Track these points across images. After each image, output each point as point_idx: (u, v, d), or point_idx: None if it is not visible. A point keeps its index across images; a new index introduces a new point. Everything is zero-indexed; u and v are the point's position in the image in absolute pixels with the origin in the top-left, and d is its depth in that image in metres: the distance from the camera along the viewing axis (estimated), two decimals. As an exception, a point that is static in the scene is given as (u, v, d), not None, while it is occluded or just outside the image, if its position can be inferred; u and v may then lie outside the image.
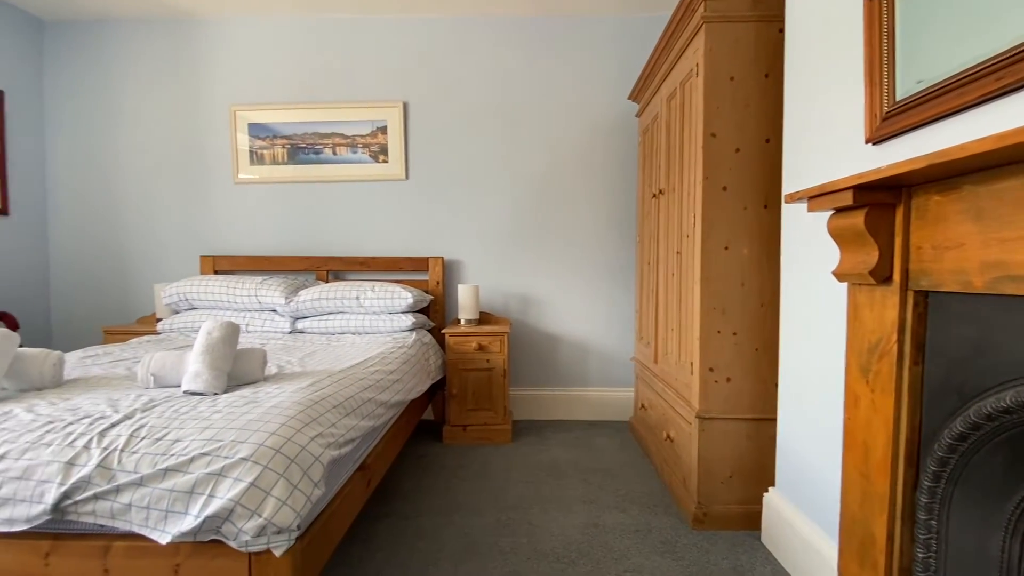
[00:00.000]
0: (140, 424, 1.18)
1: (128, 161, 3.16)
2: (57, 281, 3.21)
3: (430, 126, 3.08)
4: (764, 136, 1.77)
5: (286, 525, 1.04)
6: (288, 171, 3.10)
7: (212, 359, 1.46)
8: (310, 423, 1.26)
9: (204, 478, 1.04)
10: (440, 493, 2.10)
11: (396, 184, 3.10)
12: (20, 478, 1.06)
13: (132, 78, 3.14)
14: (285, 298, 2.64)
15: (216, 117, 3.13)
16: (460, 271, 3.12)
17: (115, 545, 1.07)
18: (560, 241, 3.08)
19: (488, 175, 3.08)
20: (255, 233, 3.16)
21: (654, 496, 2.08)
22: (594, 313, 3.10)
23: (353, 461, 1.51)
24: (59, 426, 1.18)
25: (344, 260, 3.05)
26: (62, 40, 3.14)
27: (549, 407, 3.11)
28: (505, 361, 2.68)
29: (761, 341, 1.80)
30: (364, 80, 3.08)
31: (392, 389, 1.84)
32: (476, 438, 2.69)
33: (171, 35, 3.11)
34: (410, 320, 2.61)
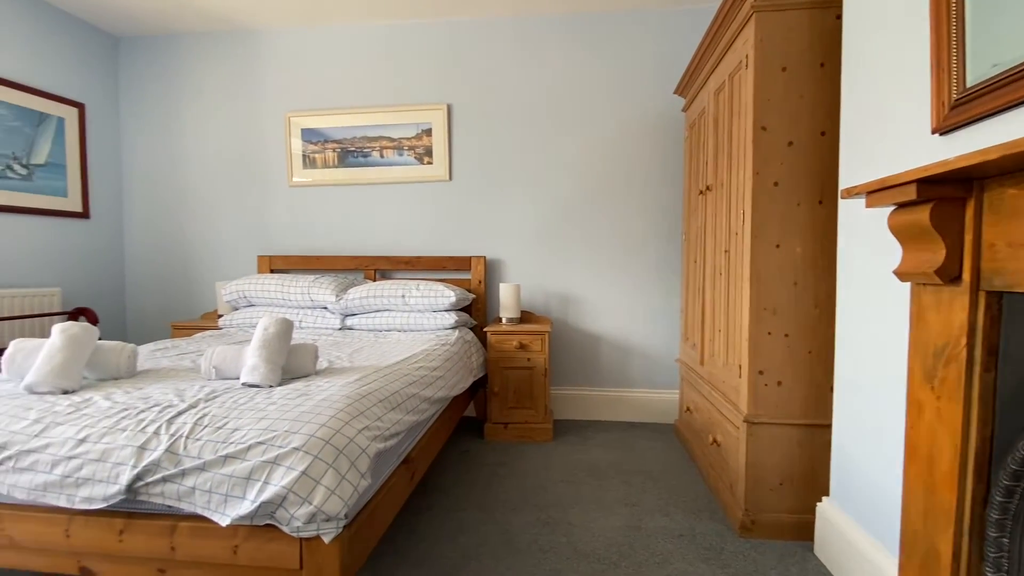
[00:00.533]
0: (203, 413, 1.27)
1: (193, 167, 3.38)
2: (131, 279, 3.47)
3: (473, 127, 3.12)
4: (819, 129, 1.69)
5: (334, 513, 1.08)
6: (339, 174, 3.22)
7: (268, 353, 1.54)
8: (358, 416, 1.31)
9: (260, 466, 1.10)
10: (481, 489, 2.13)
11: (440, 185, 3.16)
12: (98, 460, 1.15)
13: (197, 89, 3.34)
14: (335, 296, 2.74)
15: (273, 124, 3.29)
16: (502, 270, 3.14)
17: (180, 525, 1.15)
18: (602, 240, 3.05)
19: (530, 174, 3.08)
20: (308, 233, 3.30)
21: (699, 501, 2.03)
22: (637, 313, 3.04)
23: (398, 454, 1.55)
24: (132, 413, 1.28)
25: (390, 259, 3.13)
26: (134, 55, 3.39)
27: (590, 407, 3.08)
28: (546, 360, 2.68)
29: (815, 343, 1.72)
30: (410, 84, 3.15)
31: (435, 385, 1.88)
32: (517, 436, 2.71)
33: (232, 48, 3.30)
34: (453, 318, 2.65)
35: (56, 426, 1.23)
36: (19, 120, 2.81)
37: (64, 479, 1.15)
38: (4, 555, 1.23)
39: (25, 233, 2.85)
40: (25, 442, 1.19)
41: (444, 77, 3.12)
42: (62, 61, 3.05)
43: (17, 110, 2.79)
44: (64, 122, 3.05)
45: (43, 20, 2.94)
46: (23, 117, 2.83)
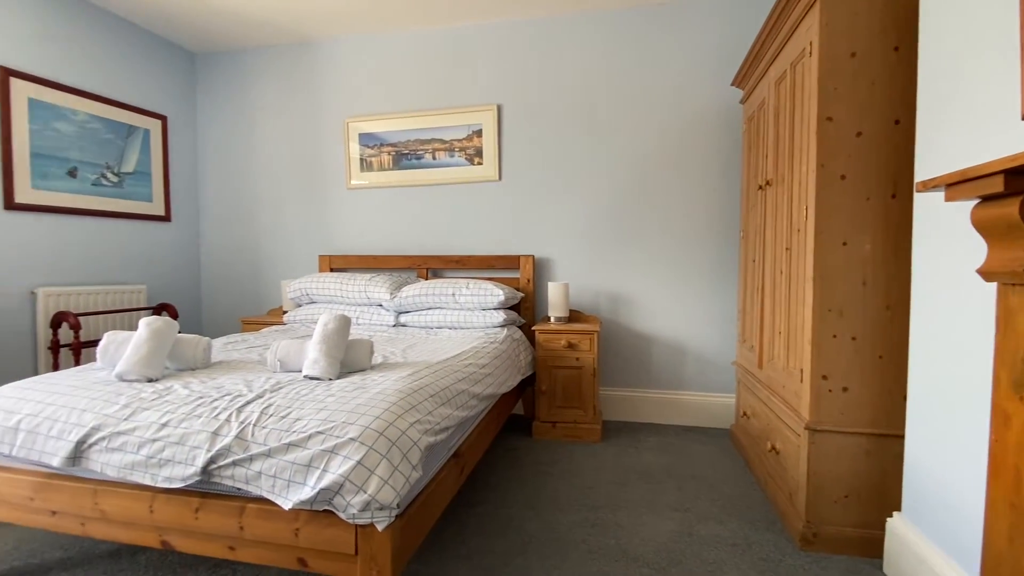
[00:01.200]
0: (269, 403, 1.35)
1: (261, 173, 3.60)
2: (206, 277, 3.75)
3: (522, 126, 3.13)
4: (892, 117, 1.58)
5: (387, 502, 1.12)
6: (393, 176, 3.33)
7: (327, 348, 1.62)
8: (410, 410, 1.35)
9: (319, 454, 1.16)
10: (529, 487, 2.14)
11: (490, 185, 3.20)
12: (178, 443, 1.26)
13: (264, 100, 3.56)
14: (390, 294, 2.84)
15: (333, 129, 3.44)
16: (550, 269, 3.14)
17: (248, 507, 1.23)
18: (655, 237, 2.98)
19: (579, 172, 3.06)
20: (364, 234, 3.43)
21: (755, 510, 1.94)
22: (691, 313, 2.95)
23: (448, 449, 1.59)
24: (207, 401, 1.38)
25: (442, 259, 3.21)
26: (209, 70, 3.66)
27: (641, 409, 3.02)
28: (595, 360, 2.66)
29: (886, 347, 1.60)
30: (461, 86, 3.21)
31: (484, 382, 1.91)
32: (565, 435, 2.70)
33: (295, 59, 3.49)
34: (501, 316, 2.68)
35: (142, 411, 1.35)
36: (111, 133, 3.09)
37: (148, 459, 1.26)
38: (97, 527, 1.37)
39: (116, 235, 3.13)
40: (116, 425, 1.32)
41: (494, 78, 3.16)
42: (148, 77, 3.33)
43: (110, 123, 3.08)
44: (149, 133, 3.33)
45: (131, 40, 3.22)
46: (115, 130, 3.11)
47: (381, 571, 1.15)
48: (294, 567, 1.23)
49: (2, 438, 1.38)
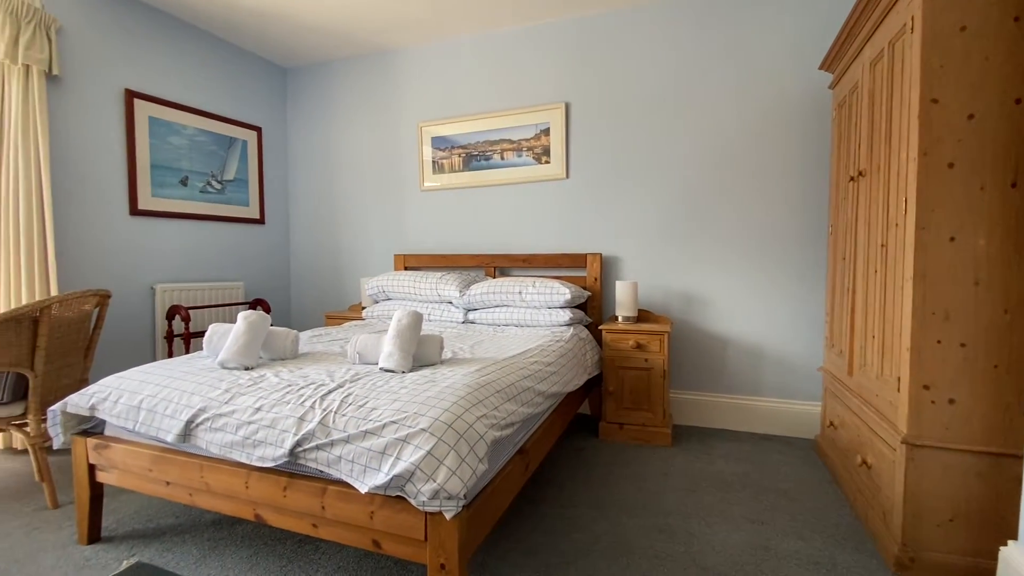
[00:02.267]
0: (348, 392, 1.45)
1: (343, 177, 3.84)
2: (295, 275, 4.06)
3: (590, 123, 3.10)
4: (1012, 96, 1.39)
5: (455, 492, 1.16)
6: (463, 177, 3.42)
7: (401, 342, 1.71)
8: (477, 404, 1.39)
9: (393, 442, 1.23)
10: (595, 488, 2.12)
11: (557, 183, 3.19)
12: (269, 427, 1.38)
13: (345, 108, 3.79)
14: (459, 292, 2.92)
15: (407, 134, 3.60)
16: (618, 267, 3.08)
17: (329, 488, 1.33)
18: (732, 235, 2.83)
19: (649, 167, 2.98)
20: (436, 233, 3.56)
21: (842, 528, 1.80)
22: (772, 315, 2.78)
23: (513, 444, 1.62)
24: (294, 389, 1.50)
25: (509, 257, 3.25)
26: (298, 83, 3.95)
27: (714, 414, 2.89)
28: (665, 362, 2.58)
29: (1004, 356, 1.42)
30: (529, 86, 3.23)
31: (549, 380, 1.92)
32: (633, 438, 2.65)
33: (373, 68, 3.68)
34: (568, 315, 2.67)
35: (240, 396, 1.49)
36: (215, 145, 3.43)
37: (245, 440, 1.39)
38: (202, 497, 1.53)
39: (219, 237, 3.48)
40: (218, 407, 1.47)
41: (562, 76, 3.15)
42: (245, 92, 3.66)
43: (215, 136, 3.42)
44: (247, 144, 3.66)
45: (231, 59, 3.55)
46: (218, 142, 3.45)
47: (448, 558, 1.19)
48: (369, 548, 1.31)
49: (128, 415, 1.58)
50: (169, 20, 3.12)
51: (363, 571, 1.55)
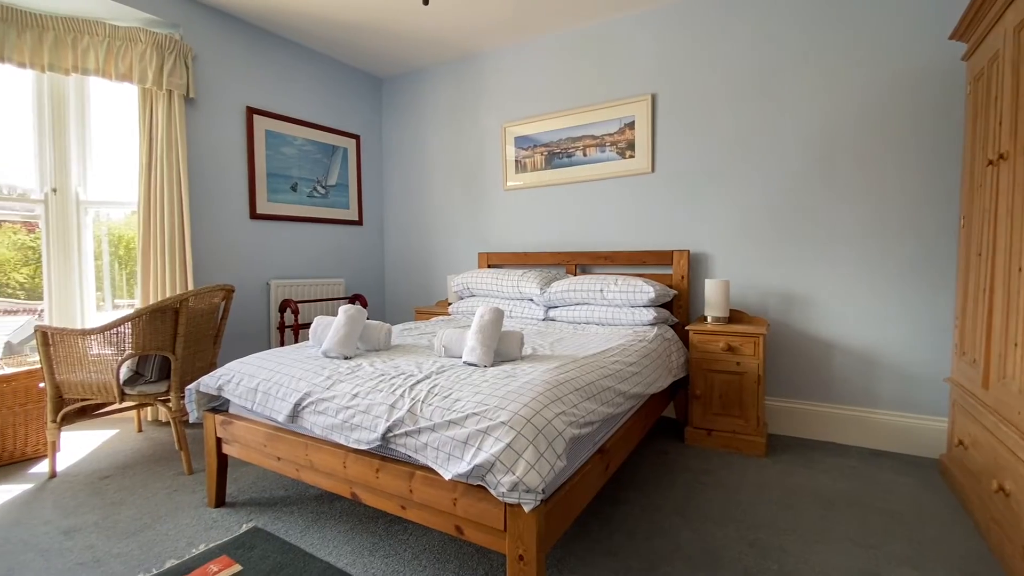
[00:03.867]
0: (435, 383, 1.52)
1: (431, 179, 4.02)
2: (388, 272, 4.33)
3: (678, 115, 2.97)
4: None
5: (533, 486, 1.18)
6: (546, 176, 3.44)
7: (483, 338, 1.76)
8: (555, 401, 1.40)
9: (474, 433, 1.28)
10: (679, 493, 2.05)
11: (642, 178, 3.10)
12: (364, 412, 1.49)
13: (435, 112, 3.96)
14: (540, 289, 2.95)
15: (491, 135, 3.69)
16: (708, 265, 2.93)
17: (416, 473, 1.41)
18: (840, 229, 2.58)
19: (743, 158, 2.80)
20: (518, 232, 3.61)
21: (971, 560, 1.58)
22: (888, 317, 2.50)
23: (593, 443, 1.61)
24: (386, 378, 1.61)
25: (590, 255, 3.21)
26: (392, 91, 4.19)
27: (817, 425, 2.66)
28: (760, 366, 2.41)
29: None
30: (613, 80, 3.17)
31: (631, 381, 1.88)
32: (722, 445, 2.51)
33: (460, 72, 3.81)
34: (652, 314, 2.59)
35: (339, 383, 1.63)
36: (320, 153, 3.75)
37: (343, 423, 1.51)
38: (307, 474, 1.69)
39: (323, 237, 3.80)
40: (321, 392, 1.61)
41: (648, 67, 3.05)
42: (346, 103, 3.95)
43: (319, 145, 3.74)
44: (347, 151, 3.96)
45: (332, 72, 3.85)
46: (323, 150, 3.77)
47: (527, 550, 1.22)
48: (452, 533, 1.37)
49: (247, 396, 1.79)
50: (280, 41, 3.46)
51: (447, 555, 1.62)
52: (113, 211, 3.09)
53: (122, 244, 3.20)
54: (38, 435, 2.44)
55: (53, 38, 2.56)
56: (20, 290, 2.93)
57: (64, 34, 2.58)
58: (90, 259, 3.00)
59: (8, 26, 2.44)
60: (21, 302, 2.94)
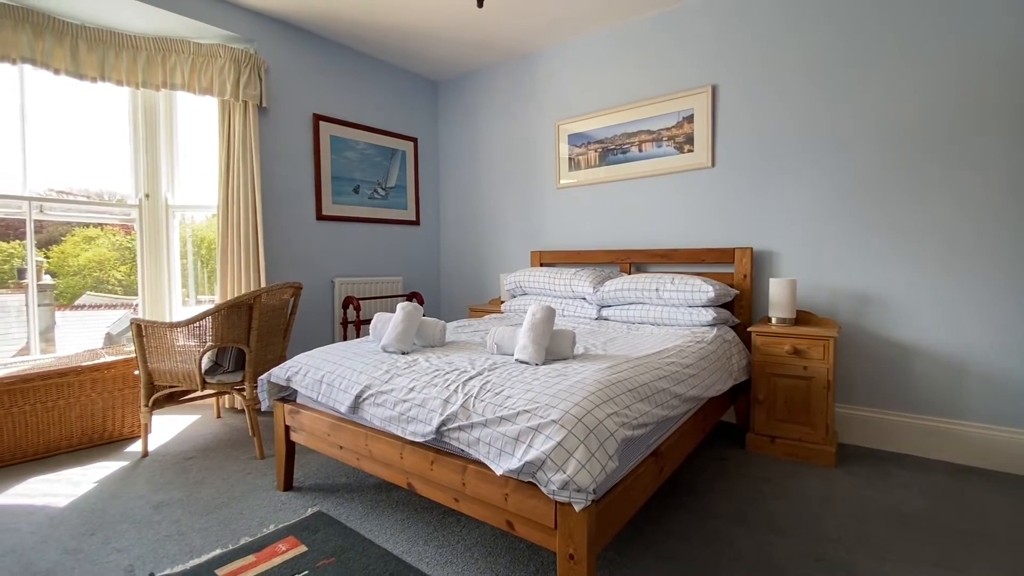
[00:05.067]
0: (487, 380, 1.55)
1: (485, 179, 4.08)
2: (443, 270, 4.43)
3: (741, 105, 2.84)
4: None
5: (584, 486, 1.18)
6: (600, 173, 3.40)
7: (535, 336, 1.77)
8: (607, 401, 1.39)
9: (525, 430, 1.29)
10: (739, 501, 1.97)
11: (701, 173, 3.00)
12: (420, 406, 1.54)
13: (488, 113, 4.01)
14: (593, 288, 2.92)
15: (545, 134, 3.69)
16: (773, 263, 2.79)
17: (469, 467, 1.44)
18: (922, 225, 2.38)
19: (813, 149, 2.63)
20: (571, 230, 3.59)
21: (1081, 595, 1.42)
22: (979, 321, 2.28)
23: (647, 446, 1.58)
24: (441, 373, 1.66)
25: (646, 253, 3.14)
26: (448, 94, 4.29)
27: (894, 436, 2.46)
28: (830, 371, 2.27)
29: None
30: (671, 72, 3.08)
31: (688, 383, 1.82)
32: (787, 453, 2.38)
33: (513, 72, 3.84)
34: (711, 315, 2.50)
35: (397, 376, 1.69)
36: (380, 156, 3.90)
37: (400, 416, 1.57)
38: (367, 463, 1.77)
39: (383, 237, 3.95)
40: (380, 385, 1.68)
41: (708, 58, 2.94)
42: (404, 107, 4.08)
43: (379, 149, 3.89)
44: (405, 154, 4.09)
45: (391, 78, 3.99)
46: (383, 154, 3.91)
47: (577, 549, 1.22)
48: (503, 528, 1.40)
49: (313, 387, 1.90)
50: (343, 50, 3.62)
51: (498, 549, 1.65)
52: (196, 214, 3.36)
53: (204, 244, 3.47)
54: (133, 417, 2.70)
55: (145, 57, 2.82)
56: (118, 286, 3.25)
57: (155, 53, 2.84)
58: (176, 258, 3.28)
59: (107, 48, 2.71)
60: (119, 297, 3.26)
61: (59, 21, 2.56)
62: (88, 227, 3.13)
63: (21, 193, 2.72)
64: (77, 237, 3.10)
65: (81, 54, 2.62)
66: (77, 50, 2.61)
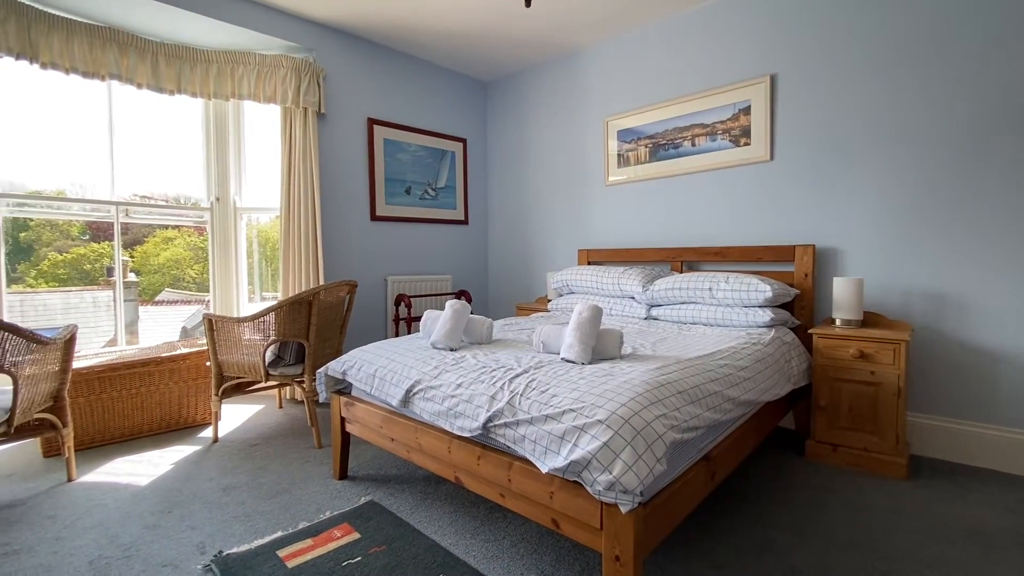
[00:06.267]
0: (533, 378, 1.56)
1: (532, 178, 4.08)
2: (491, 269, 4.48)
3: (802, 95, 2.70)
4: None
5: (631, 487, 1.16)
6: (650, 169, 3.32)
7: (581, 335, 1.76)
8: (655, 403, 1.36)
9: (571, 429, 1.29)
10: (797, 512, 1.87)
11: (758, 167, 2.87)
12: (467, 401, 1.57)
13: (536, 112, 4.02)
14: (642, 287, 2.86)
15: (593, 130, 3.65)
16: (837, 261, 2.63)
17: (515, 464, 1.45)
18: (1007, 221, 2.17)
19: (885, 140, 2.46)
20: (620, 228, 3.54)
21: None
22: (1078, 325, 2.05)
23: (697, 450, 1.53)
24: (488, 370, 1.68)
25: (698, 251, 3.04)
26: (496, 94, 4.32)
27: (975, 449, 2.27)
28: (901, 377, 2.12)
29: None
30: (726, 62, 2.96)
31: (742, 386, 1.76)
32: (850, 462, 2.25)
33: (561, 70, 3.82)
34: (768, 315, 2.39)
35: (445, 372, 1.73)
36: (431, 158, 3.99)
37: (448, 411, 1.61)
38: (416, 455, 1.82)
39: (433, 237, 4.04)
40: (429, 381, 1.73)
41: (765, 46, 2.80)
42: (453, 108, 4.15)
43: (430, 151, 3.98)
44: (455, 155, 4.16)
45: (442, 80, 4.07)
46: (433, 155, 4.00)
47: (623, 551, 1.20)
48: (549, 526, 1.40)
49: (367, 381, 1.97)
50: (395, 55, 3.73)
51: (544, 547, 1.65)
52: (261, 216, 3.56)
53: (268, 244, 3.68)
54: (205, 405, 2.90)
55: (217, 70, 3.01)
56: (192, 284, 3.51)
57: (225, 66, 3.03)
58: (244, 257, 3.49)
59: (184, 62, 2.92)
60: (193, 294, 3.52)
61: (141, 39, 2.79)
62: (167, 229, 3.39)
63: (109, 198, 2.98)
64: (157, 238, 3.37)
65: (161, 69, 2.84)
66: (157, 65, 2.84)
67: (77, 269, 3.04)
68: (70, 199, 2.91)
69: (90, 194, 2.96)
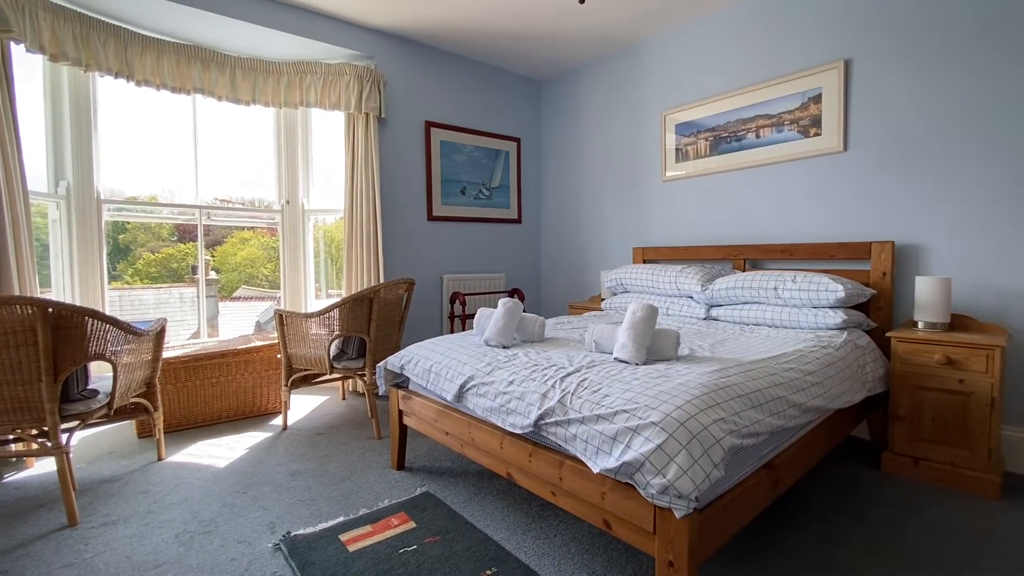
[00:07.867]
0: (584, 377, 1.55)
1: (586, 176, 4.04)
2: (544, 267, 4.48)
3: (879, 80, 2.50)
4: None
5: (686, 492, 1.13)
6: (711, 163, 3.20)
7: (635, 335, 1.73)
8: (713, 406, 1.31)
9: (623, 430, 1.27)
10: (872, 528, 1.75)
11: (830, 159, 2.69)
12: (519, 399, 1.58)
13: (591, 109, 3.97)
14: (701, 286, 2.76)
15: (650, 125, 3.56)
16: (919, 259, 2.42)
17: (566, 463, 1.45)
18: None
19: (975, 128, 2.23)
20: (677, 225, 3.43)
21: None
22: None
23: (759, 456, 1.47)
24: (539, 368, 1.69)
25: (762, 248, 2.90)
26: (551, 93, 4.31)
27: (1089, 469, 2.02)
28: (994, 386, 1.92)
29: None
30: (793, 50, 2.80)
31: (809, 392, 1.66)
32: (934, 478, 2.06)
33: (617, 65, 3.75)
34: (840, 317, 2.24)
35: (498, 369, 1.76)
36: (485, 158, 4.04)
37: (500, 407, 1.63)
38: (470, 450, 1.86)
39: (487, 236, 4.09)
40: (482, 377, 1.76)
41: (840, 29, 2.62)
42: (508, 107, 4.18)
43: (484, 151, 4.03)
44: (509, 154, 4.19)
45: (496, 80, 4.11)
46: (487, 155, 4.05)
47: (677, 556, 1.17)
48: (600, 527, 1.39)
49: (423, 376, 2.03)
50: (451, 57, 3.80)
51: (595, 547, 1.64)
52: (327, 217, 3.75)
53: (333, 244, 3.87)
54: (275, 395, 3.10)
55: (287, 81, 3.20)
56: (265, 281, 3.76)
57: (294, 76, 3.22)
58: (311, 256, 3.69)
59: (257, 74, 3.13)
60: (266, 291, 3.77)
61: (221, 55, 3.01)
62: (243, 230, 3.65)
63: (194, 202, 3.25)
64: (235, 239, 3.64)
65: (238, 82, 3.06)
66: (235, 78, 3.05)
67: (166, 268, 3.34)
68: (161, 204, 3.20)
69: (178, 199, 3.24)
